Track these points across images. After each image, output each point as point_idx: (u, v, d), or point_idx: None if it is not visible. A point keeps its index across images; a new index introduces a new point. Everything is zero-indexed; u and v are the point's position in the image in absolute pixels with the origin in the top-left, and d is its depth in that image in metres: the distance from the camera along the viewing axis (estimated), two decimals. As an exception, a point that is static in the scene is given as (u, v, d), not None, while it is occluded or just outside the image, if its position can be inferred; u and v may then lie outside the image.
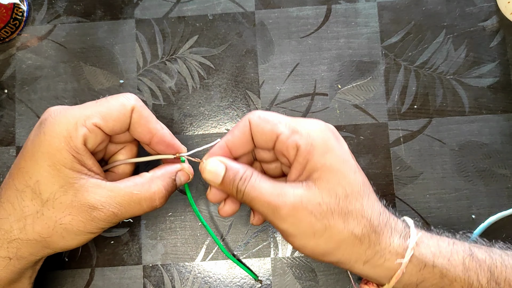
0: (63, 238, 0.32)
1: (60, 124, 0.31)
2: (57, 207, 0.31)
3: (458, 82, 0.43)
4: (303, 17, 0.44)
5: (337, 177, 0.31)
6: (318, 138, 0.32)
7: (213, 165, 0.33)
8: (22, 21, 0.44)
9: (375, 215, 0.32)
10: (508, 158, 0.42)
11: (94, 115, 0.32)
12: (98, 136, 0.33)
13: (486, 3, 0.44)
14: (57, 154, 0.31)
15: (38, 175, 0.31)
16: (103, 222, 0.32)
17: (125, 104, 0.33)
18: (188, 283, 0.41)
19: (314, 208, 0.31)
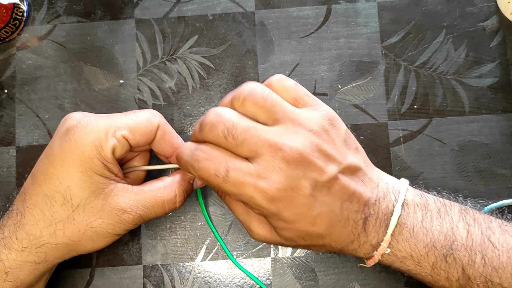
0: (93, 240, 0.33)
1: (91, 133, 0.32)
2: (87, 211, 0.32)
3: (458, 82, 0.43)
4: (303, 17, 0.44)
5: (294, 233, 0.32)
6: (266, 215, 0.32)
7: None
8: (22, 21, 0.44)
9: (340, 244, 0.32)
10: (508, 158, 0.42)
11: (124, 127, 0.33)
12: (125, 147, 0.34)
13: (486, 3, 0.44)
14: (88, 162, 0.32)
15: (69, 181, 0.32)
16: (130, 224, 0.34)
17: (152, 121, 0.34)
18: (188, 283, 0.41)
19: (281, 242, 0.34)
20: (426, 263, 0.32)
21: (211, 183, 0.31)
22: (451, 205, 0.34)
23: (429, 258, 0.32)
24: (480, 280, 0.31)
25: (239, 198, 0.31)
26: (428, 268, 0.32)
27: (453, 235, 0.33)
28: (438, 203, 0.34)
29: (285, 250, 0.41)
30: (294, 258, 0.41)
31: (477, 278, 0.31)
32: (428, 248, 0.32)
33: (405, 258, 0.33)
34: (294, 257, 0.41)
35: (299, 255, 0.41)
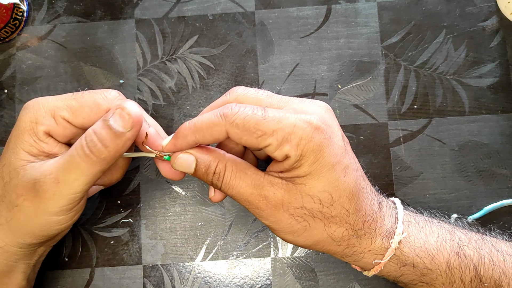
0: (21, 222, 0.31)
1: (32, 109, 0.32)
2: (12, 189, 0.31)
3: (458, 82, 0.43)
4: (303, 17, 0.44)
5: (323, 185, 0.30)
6: (309, 147, 0.29)
7: (183, 160, 0.31)
8: (22, 21, 0.44)
9: (360, 219, 0.31)
10: (508, 158, 0.42)
11: (64, 108, 0.32)
12: (67, 129, 0.32)
13: (486, 3, 0.44)
14: (20, 136, 0.31)
15: (4, 159, 0.32)
16: (50, 194, 0.30)
17: (100, 104, 0.32)
18: (188, 283, 0.41)
19: (295, 212, 0.30)
20: (441, 258, 0.32)
21: (248, 123, 0.29)
22: (440, 220, 0.36)
23: (443, 252, 0.32)
24: (490, 284, 0.31)
25: (278, 136, 0.29)
26: (443, 265, 0.32)
27: (456, 234, 0.34)
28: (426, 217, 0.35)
29: (285, 250, 0.41)
30: (294, 258, 0.41)
31: (487, 280, 0.31)
32: (439, 242, 0.32)
33: (419, 251, 0.32)
34: (294, 257, 0.41)
35: (299, 255, 0.41)
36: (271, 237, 0.41)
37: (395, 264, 0.32)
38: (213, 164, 0.31)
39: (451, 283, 0.32)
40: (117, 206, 0.42)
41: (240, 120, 0.29)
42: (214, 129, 0.30)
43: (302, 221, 0.31)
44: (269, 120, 0.29)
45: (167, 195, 0.42)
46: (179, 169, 0.32)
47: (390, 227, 0.33)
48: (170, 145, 0.32)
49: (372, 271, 0.33)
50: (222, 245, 0.41)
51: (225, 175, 0.31)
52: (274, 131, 0.29)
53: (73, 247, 0.41)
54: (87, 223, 0.41)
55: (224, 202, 0.42)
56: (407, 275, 0.33)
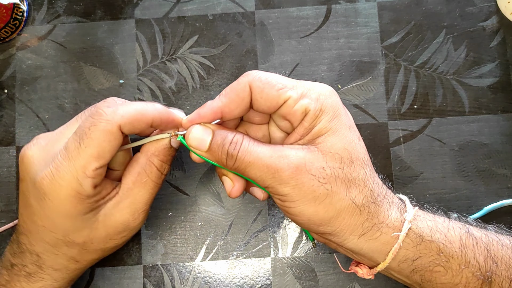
0: (112, 249, 0.36)
1: (62, 188, 0.30)
2: (96, 241, 0.34)
3: (458, 82, 0.43)
4: (303, 17, 0.44)
5: (343, 142, 0.31)
6: (327, 102, 0.31)
7: (198, 131, 0.31)
8: (22, 21, 0.44)
9: (377, 185, 0.32)
10: (508, 158, 0.42)
11: (90, 162, 0.30)
12: (103, 172, 0.31)
13: (486, 3, 0.44)
14: (73, 211, 0.31)
15: (63, 231, 0.32)
16: (141, 224, 0.35)
17: (110, 129, 0.30)
18: (188, 283, 0.41)
19: (318, 172, 0.30)
20: (453, 235, 0.32)
21: (270, 77, 0.31)
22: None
23: (454, 230, 0.32)
24: (502, 265, 0.31)
25: (298, 89, 0.31)
26: (456, 243, 0.31)
27: (462, 221, 0.34)
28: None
29: (285, 250, 0.41)
30: (294, 258, 0.41)
31: (499, 260, 0.31)
32: (447, 222, 0.33)
33: (433, 226, 0.32)
34: (294, 257, 0.41)
35: (299, 255, 0.41)
36: (271, 237, 0.41)
37: (413, 241, 0.31)
38: (230, 135, 0.31)
39: (467, 263, 0.31)
40: (117, 206, 0.42)
41: (263, 75, 0.31)
42: (239, 87, 0.31)
43: (325, 183, 0.30)
44: (288, 79, 0.32)
45: (167, 195, 0.42)
46: (193, 143, 0.32)
47: (400, 203, 0.33)
48: (195, 114, 0.32)
49: (390, 254, 0.31)
50: (222, 245, 0.41)
51: (243, 142, 0.31)
52: (294, 86, 0.31)
53: (73, 247, 0.41)
54: (87, 223, 0.41)
55: (224, 202, 0.42)
56: (424, 256, 0.31)
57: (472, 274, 0.31)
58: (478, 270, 0.31)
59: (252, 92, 0.31)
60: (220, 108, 0.31)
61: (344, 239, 0.31)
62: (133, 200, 0.33)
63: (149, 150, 0.33)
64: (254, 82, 0.31)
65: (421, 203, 0.41)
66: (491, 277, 0.31)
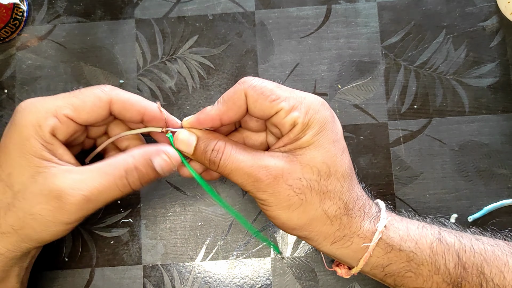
0: (35, 230, 0.31)
1: (30, 113, 0.31)
2: (27, 197, 0.30)
3: (458, 82, 0.43)
4: (303, 17, 0.44)
5: (323, 157, 0.32)
6: (315, 117, 0.32)
7: (184, 136, 0.33)
8: (22, 21, 0.44)
9: (353, 198, 0.33)
10: (508, 158, 0.42)
11: (66, 106, 0.31)
12: (70, 127, 0.32)
13: (486, 3, 0.44)
14: (26, 143, 0.30)
15: (10, 167, 0.31)
16: (75, 207, 0.30)
17: (101, 97, 0.32)
18: (188, 283, 0.41)
19: (294, 182, 0.31)
20: (424, 242, 0.32)
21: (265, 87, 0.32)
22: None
23: (425, 238, 0.33)
24: (472, 271, 0.32)
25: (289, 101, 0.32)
26: (427, 250, 0.32)
27: (436, 225, 0.34)
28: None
29: (285, 250, 0.41)
30: (294, 258, 0.41)
31: (470, 267, 0.32)
32: (420, 228, 0.33)
33: (404, 234, 0.33)
34: (294, 257, 0.41)
35: (299, 255, 0.41)
36: (271, 237, 0.41)
37: (383, 249, 0.32)
38: (213, 142, 0.33)
39: (437, 270, 0.32)
40: (117, 206, 0.42)
41: (258, 84, 0.32)
42: (235, 95, 0.32)
43: (300, 193, 0.31)
44: (282, 89, 0.33)
45: (167, 195, 0.42)
46: (179, 146, 0.34)
47: (376, 213, 0.34)
48: (194, 119, 0.34)
49: (361, 261, 0.33)
50: (222, 245, 0.41)
51: (225, 150, 0.32)
52: (287, 97, 0.32)
53: (73, 247, 0.41)
54: (87, 223, 0.41)
55: (225, 202, 0.42)
56: (395, 263, 0.33)
57: (442, 280, 0.32)
58: (448, 276, 0.32)
59: (247, 100, 0.32)
60: (218, 115, 0.33)
61: (318, 243, 0.33)
62: (82, 178, 0.31)
63: (133, 152, 0.33)
64: (249, 91, 0.32)
65: (421, 203, 0.41)
66: (461, 283, 0.32)
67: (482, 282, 0.31)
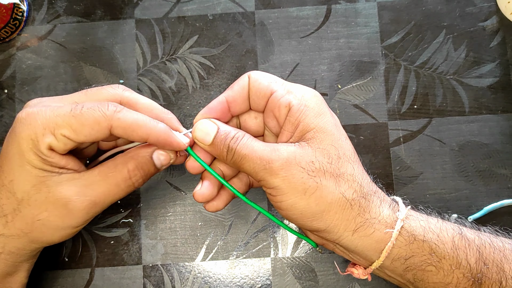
0: (43, 233, 0.32)
1: (29, 126, 0.31)
2: (32, 204, 0.31)
3: (458, 82, 0.43)
4: (303, 17, 0.44)
5: (330, 139, 0.32)
6: (311, 101, 0.33)
7: (205, 124, 0.34)
8: (22, 21, 0.44)
9: (366, 181, 0.33)
10: (508, 158, 0.42)
11: (64, 127, 0.30)
12: (68, 145, 0.31)
13: (486, 3, 0.44)
14: (25, 155, 0.31)
15: (12, 175, 0.31)
16: (82, 212, 0.31)
17: (100, 122, 0.31)
18: (188, 283, 0.41)
19: (307, 165, 0.31)
20: (445, 236, 0.32)
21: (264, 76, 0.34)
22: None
23: (447, 231, 0.32)
24: (492, 267, 0.31)
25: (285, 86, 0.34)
26: (449, 243, 0.32)
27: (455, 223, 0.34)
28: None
29: (285, 250, 0.41)
30: (294, 258, 0.41)
31: (490, 263, 0.31)
32: (440, 222, 0.33)
33: (426, 225, 0.32)
34: (294, 257, 0.41)
35: (299, 255, 0.41)
36: (271, 237, 0.41)
37: (406, 239, 0.32)
38: (234, 131, 0.33)
39: (458, 264, 0.31)
40: (117, 206, 0.42)
41: (258, 73, 0.34)
42: (240, 80, 0.34)
43: (314, 177, 0.31)
44: (280, 79, 0.35)
45: (167, 195, 0.42)
46: (198, 135, 0.33)
47: (392, 201, 0.34)
48: (205, 109, 0.34)
49: (384, 252, 0.32)
50: (222, 245, 0.41)
51: (244, 138, 0.33)
52: (284, 83, 0.34)
53: (73, 247, 0.41)
54: (87, 223, 0.41)
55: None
56: (417, 255, 0.32)
57: (463, 275, 0.31)
58: (469, 271, 0.31)
59: (249, 82, 0.34)
60: (225, 97, 0.34)
61: (339, 235, 0.32)
62: (86, 184, 0.31)
63: (131, 152, 0.34)
64: (251, 74, 0.34)
65: (421, 203, 0.41)
66: (481, 278, 0.31)
67: (501, 279, 0.31)
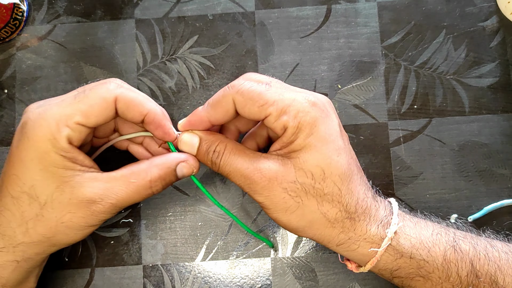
0: (67, 235, 0.32)
1: (41, 127, 0.31)
2: (56, 207, 0.31)
3: (458, 82, 0.43)
4: (303, 17, 0.44)
5: (316, 159, 0.31)
6: (305, 120, 0.31)
7: (188, 137, 0.34)
8: (22, 21, 0.44)
9: (353, 201, 0.32)
10: (508, 158, 0.42)
11: (75, 114, 0.31)
12: (83, 133, 0.32)
13: (486, 3, 0.44)
14: (46, 157, 0.31)
15: (32, 180, 0.31)
16: (103, 214, 0.32)
17: (106, 97, 0.32)
18: (188, 283, 0.41)
19: (288, 185, 0.31)
20: (437, 250, 0.32)
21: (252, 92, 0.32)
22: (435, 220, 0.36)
23: (439, 245, 0.32)
24: (485, 279, 0.31)
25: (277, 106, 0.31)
26: (439, 258, 0.32)
27: (451, 230, 0.34)
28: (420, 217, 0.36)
29: (285, 250, 0.41)
30: (294, 258, 0.41)
31: (483, 276, 0.31)
32: (435, 235, 0.33)
33: (416, 242, 0.32)
34: (294, 257, 0.41)
35: (299, 255, 0.41)
36: (271, 237, 0.41)
37: (392, 255, 0.32)
38: (214, 143, 0.33)
39: (448, 277, 0.32)
40: (117, 206, 0.42)
41: (245, 89, 0.32)
42: (223, 100, 0.33)
43: (295, 197, 0.31)
44: (271, 92, 0.32)
45: (167, 195, 0.42)
46: (183, 148, 0.34)
47: (385, 217, 0.33)
48: (186, 122, 0.35)
49: (368, 264, 0.33)
50: (222, 245, 0.41)
51: (225, 152, 0.33)
52: (275, 101, 0.31)
53: (73, 247, 0.41)
54: (87, 223, 0.41)
55: (224, 202, 0.42)
56: (404, 268, 0.32)
57: (452, 286, 0.32)
58: (459, 283, 0.32)
59: (236, 105, 0.33)
60: (207, 117, 0.34)
61: (324, 244, 0.34)
62: (109, 187, 0.32)
63: (155, 161, 0.34)
64: (236, 97, 0.32)
65: (420, 203, 0.41)
66: None
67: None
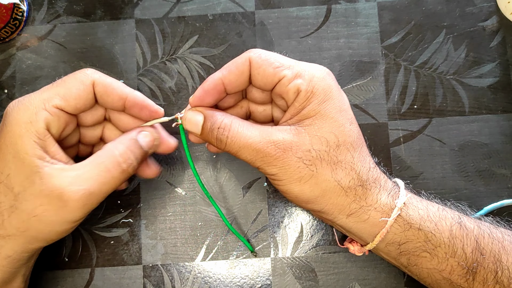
0: (40, 230, 0.31)
1: (19, 111, 0.31)
2: (28, 198, 0.30)
3: (458, 82, 0.43)
4: (303, 17, 0.44)
5: (330, 126, 0.31)
6: (319, 85, 0.32)
7: (192, 115, 0.33)
8: (22, 21, 0.44)
9: (365, 169, 0.32)
10: (508, 158, 0.42)
11: (53, 97, 0.31)
12: (62, 119, 0.32)
13: (486, 3, 0.44)
14: (18, 141, 0.30)
15: (8, 169, 0.30)
16: (78, 204, 0.30)
17: (84, 80, 0.32)
18: (188, 283, 0.41)
19: (303, 154, 0.31)
20: (443, 224, 0.32)
21: (269, 55, 0.32)
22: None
23: (445, 220, 0.32)
24: (489, 257, 0.31)
25: (293, 69, 0.32)
26: (446, 233, 0.32)
27: (455, 210, 0.34)
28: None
29: (285, 250, 0.41)
30: (294, 258, 0.41)
31: (487, 253, 0.31)
32: (441, 210, 0.33)
33: (424, 214, 0.32)
34: (294, 257, 0.41)
35: (299, 255, 0.41)
36: (271, 237, 0.41)
37: (401, 226, 0.32)
38: (219, 119, 0.32)
39: (454, 252, 0.32)
40: (117, 206, 0.42)
41: (263, 52, 0.33)
42: (239, 60, 0.33)
43: (310, 165, 0.31)
44: (287, 58, 0.33)
45: (167, 195, 0.42)
46: (188, 127, 0.34)
47: (393, 188, 0.33)
48: (199, 89, 0.34)
49: (378, 236, 0.32)
50: (222, 245, 0.41)
51: (231, 128, 0.32)
52: (291, 65, 0.32)
53: (73, 247, 0.41)
54: (87, 223, 0.41)
55: (224, 202, 0.42)
56: (412, 241, 0.32)
57: (458, 263, 0.32)
58: (464, 260, 0.31)
59: (251, 67, 0.33)
60: (220, 79, 0.33)
61: (334, 217, 0.33)
62: (79, 174, 0.30)
63: (119, 138, 0.33)
64: (254, 58, 0.32)
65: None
66: (476, 268, 0.31)
67: (497, 269, 0.31)
